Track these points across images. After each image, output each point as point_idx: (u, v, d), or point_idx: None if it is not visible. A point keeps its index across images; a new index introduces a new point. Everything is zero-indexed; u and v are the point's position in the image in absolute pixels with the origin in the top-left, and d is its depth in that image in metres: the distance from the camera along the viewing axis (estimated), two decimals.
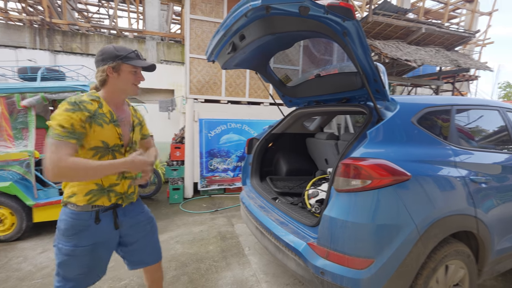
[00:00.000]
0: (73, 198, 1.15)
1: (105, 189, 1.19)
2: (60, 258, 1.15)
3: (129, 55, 1.18)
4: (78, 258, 1.15)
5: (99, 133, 1.14)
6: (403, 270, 1.30)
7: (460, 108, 1.85)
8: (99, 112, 1.15)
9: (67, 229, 1.14)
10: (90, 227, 1.16)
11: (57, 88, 2.97)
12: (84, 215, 1.15)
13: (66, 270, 1.16)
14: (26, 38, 6.01)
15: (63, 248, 1.14)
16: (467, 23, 9.74)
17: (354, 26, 1.29)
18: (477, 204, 1.55)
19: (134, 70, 1.21)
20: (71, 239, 1.14)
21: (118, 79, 1.18)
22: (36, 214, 2.93)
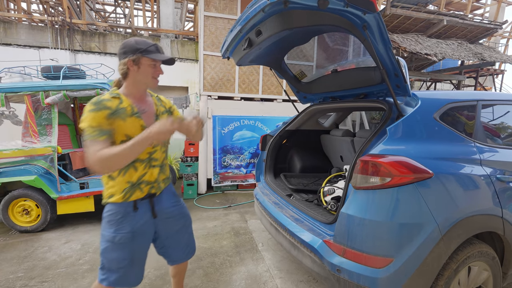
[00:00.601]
0: (112, 199, 1.23)
1: (136, 184, 1.24)
2: (103, 245, 1.23)
3: (149, 49, 1.19)
4: (118, 245, 1.21)
5: (122, 127, 1.18)
6: (424, 270, 1.27)
7: (486, 103, 1.76)
8: (120, 107, 1.18)
9: (109, 215, 1.22)
10: (129, 215, 1.23)
11: (78, 86, 3.08)
12: (124, 204, 1.23)
13: (109, 259, 1.22)
14: (48, 38, 6.26)
15: (105, 234, 1.22)
16: (492, 13, 9.21)
17: (375, 19, 1.25)
18: (504, 204, 1.48)
19: (154, 64, 1.23)
20: (112, 225, 1.21)
21: (138, 72, 1.21)
22: (60, 207, 3.08)
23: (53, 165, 3.00)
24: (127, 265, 1.24)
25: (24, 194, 2.99)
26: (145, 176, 1.27)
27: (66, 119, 4.05)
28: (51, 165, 3.00)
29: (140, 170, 1.25)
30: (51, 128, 3.10)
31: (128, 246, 1.23)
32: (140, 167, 1.25)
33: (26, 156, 2.95)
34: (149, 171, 1.28)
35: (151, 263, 2.36)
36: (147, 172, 1.27)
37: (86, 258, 2.45)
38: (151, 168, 1.29)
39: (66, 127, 4.02)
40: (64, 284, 2.08)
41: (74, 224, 3.24)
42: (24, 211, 3.04)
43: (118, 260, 1.22)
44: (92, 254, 2.52)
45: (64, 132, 3.95)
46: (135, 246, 1.25)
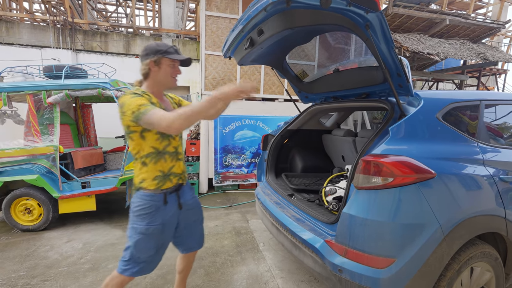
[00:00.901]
0: (144, 183, 1.32)
1: (166, 174, 1.36)
2: (135, 238, 1.30)
3: (169, 50, 1.30)
4: (150, 236, 1.31)
5: None
6: (426, 271, 1.26)
7: (489, 103, 1.75)
8: (152, 101, 1.28)
9: (142, 209, 1.30)
10: (160, 208, 1.33)
11: (80, 86, 3.09)
12: (156, 196, 1.32)
13: (139, 250, 1.31)
14: (50, 38, 6.28)
15: (138, 228, 1.30)
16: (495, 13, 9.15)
17: (377, 18, 1.24)
18: (507, 204, 1.47)
19: (173, 64, 1.33)
20: (145, 219, 1.30)
21: (159, 72, 1.31)
22: (62, 206, 3.09)
23: (55, 164, 3.01)
24: (153, 255, 1.35)
25: (26, 193, 3.00)
26: (173, 168, 1.39)
27: (68, 119, 4.06)
28: (53, 164, 3.01)
29: (169, 162, 1.37)
30: (53, 127, 3.10)
31: (158, 237, 1.34)
32: (169, 159, 1.37)
33: (28, 155, 2.96)
34: (177, 164, 1.41)
35: None
36: (175, 164, 1.40)
37: (87, 257, 2.46)
38: (178, 161, 1.42)
39: (68, 127, 4.03)
40: (66, 283, 2.08)
41: (75, 223, 3.25)
42: (26, 210, 3.05)
43: (147, 250, 1.32)
44: (93, 253, 2.53)
45: (66, 132, 3.96)
46: (163, 237, 1.37)
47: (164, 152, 1.35)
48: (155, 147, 1.31)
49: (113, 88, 3.11)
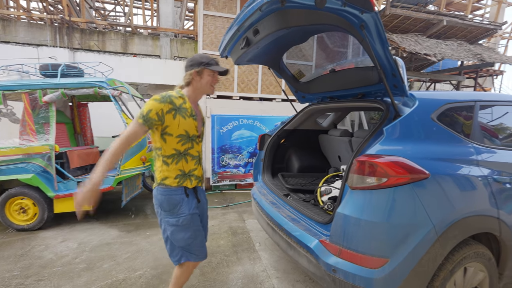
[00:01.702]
0: (166, 181, 1.43)
1: (187, 174, 1.47)
2: (169, 230, 1.44)
3: (210, 62, 1.46)
4: (183, 227, 1.44)
5: (183, 123, 1.40)
6: (419, 271, 1.26)
7: (484, 104, 1.75)
8: (183, 106, 1.42)
9: (169, 205, 1.43)
10: (183, 200, 1.45)
11: (76, 85, 3.07)
12: (177, 190, 1.44)
13: (177, 240, 1.45)
14: (47, 36, 6.24)
15: (170, 221, 1.44)
16: (493, 14, 9.20)
17: (372, 18, 1.24)
18: (500, 205, 1.47)
19: (212, 74, 1.48)
20: (173, 212, 1.43)
21: (200, 81, 1.47)
22: (57, 205, 3.07)
23: (50, 163, 2.99)
24: (193, 242, 1.48)
25: (21, 193, 2.98)
26: (195, 171, 1.51)
27: (64, 118, 4.04)
28: (49, 163, 2.99)
29: (191, 164, 1.48)
30: (48, 126, 3.08)
31: (190, 226, 1.46)
32: (191, 162, 1.48)
33: (23, 154, 2.94)
34: (198, 168, 1.54)
35: (148, 262, 2.36)
36: (197, 168, 1.53)
37: (82, 257, 2.44)
38: (199, 165, 1.55)
39: (64, 126, 4.01)
40: (60, 282, 2.07)
41: (71, 223, 3.23)
42: (21, 210, 3.03)
43: (186, 238, 1.45)
44: (88, 253, 2.51)
45: (62, 131, 3.94)
46: (194, 225, 1.49)
47: (185, 154, 1.45)
48: (176, 148, 1.42)
49: (109, 87, 3.10)
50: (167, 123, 1.36)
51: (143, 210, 3.76)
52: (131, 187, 3.46)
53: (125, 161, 3.15)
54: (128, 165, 3.20)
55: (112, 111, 3.26)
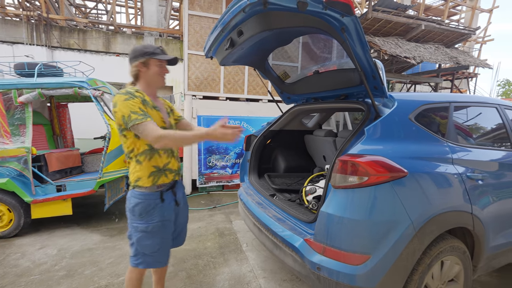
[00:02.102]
0: (140, 182, 1.35)
1: (162, 169, 1.39)
2: (136, 236, 1.37)
3: (155, 51, 1.36)
4: (151, 234, 1.36)
5: (152, 115, 1.33)
6: (399, 266, 1.31)
7: (458, 105, 1.84)
8: (145, 98, 1.35)
9: (140, 209, 1.34)
10: (157, 206, 1.37)
11: (55, 84, 2.95)
12: (152, 195, 1.36)
13: (143, 247, 1.37)
14: (23, 33, 5.95)
15: (139, 227, 1.35)
16: (467, 20, 9.70)
17: (352, 22, 1.28)
18: (473, 201, 1.56)
19: (160, 64, 1.38)
20: (144, 217, 1.35)
21: (147, 72, 1.37)
22: (34, 211, 2.93)
23: (27, 167, 2.85)
24: (159, 249, 1.41)
25: None
26: (169, 164, 1.43)
27: (42, 119, 3.87)
28: (25, 167, 2.85)
29: (164, 157, 1.41)
30: (24, 128, 2.94)
31: (160, 233, 1.39)
32: (164, 155, 1.41)
33: None
34: (172, 160, 1.45)
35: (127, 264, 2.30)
36: (170, 161, 1.44)
37: (62, 264, 2.35)
38: (173, 158, 1.46)
39: (42, 127, 3.84)
40: None
41: (50, 229, 3.09)
42: None
43: (152, 245, 1.38)
44: (69, 260, 2.42)
45: (40, 132, 3.77)
46: (165, 232, 1.42)
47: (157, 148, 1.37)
48: (148, 144, 1.34)
49: (90, 87, 3.00)
50: None
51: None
52: (114, 190, 3.36)
53: (108, 163, 3.06)
54: (111, 168, 3.11)
55: (93, 112, 3.16)
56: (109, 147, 2.98)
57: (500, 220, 1.75)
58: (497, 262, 1.84)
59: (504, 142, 2.01)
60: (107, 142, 2.97)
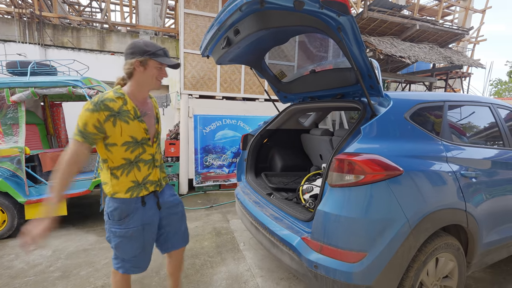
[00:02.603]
0: (117, 195, 1.27)
1: (141, 183, 1.31)
2: (115, 241, 1.29)
3: (157, 52, 1.23)
4: (131, 238, 1.28)
5: (126, 129, 1.22)
6: (395, 263, 1.33)
7: (452, 104, 1.87)
8: (124, 109, 1.22)
9: (120, 213, 1.26)
10: (138, 210, 1.30)
11: (48, 83, 2.91)
12: (132, 200, 1.28)
13: (122, 252, 1.30)
14: (15, 31, 5.85)
15: (117, 231, 1.27)
16: (461, 20, 9.82)
17: (349, 21, 1.29)
18: (467, 198, 1.58)
19: (160, 67, 1.26)
20: (122, 222, 1.27)
21: (144, 73, 1.24)
22: (28, 211, 2.89)
23: (20, 167, 2.80)
24: (140, 253, 1.33)
25: None
26: (149, 176, 1.34)
27: (35, 118, 3.81)
28: (18, 167, 2.80)
29: (144, 170, 1.31)
30: (17, 127, 2.89)
31: (140, 238, 1.31)
32: (144, 168, 1.31)
33: None
34: (153, 171, 1.36)
35: None
36: (152, 172, 1.35)
37: (57, 265, 2.32)
38: (155, 168, 1.37)
39: (35, 127, 3.79)
40: None
41: None
42: None
43: (132, 250, 1.31)
44: (64, 260, 2.39)
45: (34, 132, 3.72)
46: (145, 236, 1.33)
47: (137, 161, 1.28)
48: (126, 158, 1.25)
49: (84, 86, 2.97)
50: (108, 133, 1.18)
51: None
52: None
53: None
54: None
55: None
56: None
57: (493, 217, 1.78)
58: (490, 259, 1.88)
59: (497, 141, 2.05)
60: None
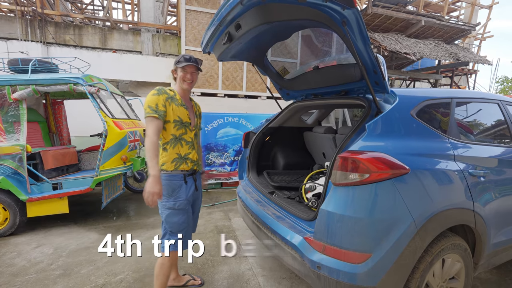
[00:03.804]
0: (164, 166, 1.62)
1: (183, 157, 1.66)
2: (166, 212, 1.60)
3: (179, 59, 1.65)
4: (179, 211, 1.60)
5: (176, 110, 1.62)
6: (400, 264, 1.29)
7: (460, 101, 1.82)
8: (175, 97, 1.65)
9: (168, 189, 1.59)
10: (182, 186, 1.63)
11: (49, 81, 2.89)
12: (176, 176, 1.63)
13: (172, 223, 1.60)
14: (18, 29, 5.86)
15: (167, 204, 1.59)
16: (467, 16, 9.65)
17: (354, 15, 1.24)
18: (475, 198, 1.54)
19: (183, 70, 1.65)
20: (171, 196, 1.60)
21: (177, 78, 1.69)
22: (30, 209, 2.89)
23: (21, 164, 2.80)
24: (187, 227, 1.66)
25: None
26: (189, 154, 1.69)
27: (37, 116, 3.81)
28: (20, 164, 2.80)
29: (185, 148, 1.67)
30: (19, 125, 2.89)
31: (185, 211, 1.64)
32: (186, 146, 1.67)
33: None
34: (192, 152, 1.71)
35: (129, 265, 2.28)
36: (191, 152, 1.70)
37: (58, 263, 2.32)
38: (193, 150, 1.72)
39: (37, 124, 3.79)
40: None
41: (46, 227, 3.06)
42: None
43: (179, 223, 1.61)
44: (65, 258, 2.39)
45: (35, 130, 3.72)
46: (189, 211, 1.67)
47: (180, 138, 1.65)
48: (173, 134, 1.63)
49: (86, 83, 2.95)
50: (167, 111, 1.57)
51: (125, 211, 3.63)
52: (111, 188, 3.33)
53: (104, 161, 3.02)
54: (108, 165, 3.07)
55: (90, 109, 3.11)
56: (105, 144, 2.93)
57: (501, 217, 1.73)
58: (498, 259, 1.83)
59: (506, 139, 1.99)
60: (103, 140, 2.93)
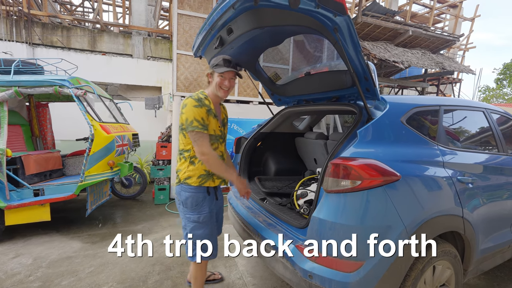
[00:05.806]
0: (189, 180, 1.54)
1: (210, 174, 1.58)
2: (190, 225, 1.56)
3: (218, 63, 1.53)
4: (203, 223, 1.56)
5: (212, 123, 1.54)
6: (392, 272, 1.28)
7: (448, 108, 1.85)
8: (211, 107, 1.54)
9: (192, 202, 1.54)
10: (205, 199, 1.58)
11: (33, 82, 2.79)
12: (200, 188, 1.56)
13: (197, 234, 1.56)
14: (2, 29, 5.67)
15: (191, 217, 1.56)
16: (451, 27, 10.04)
17: (345, 22, 1.25)
18: (464, 204, 1.55)
19: (221, 75, 1.53)
20: (195, 209, 1.55)
21: (212, 83, 1.58)
22: (9, 217, 2.74)
23: (0, 169, 2.66)
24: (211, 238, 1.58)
25: None
26: None
27: (19, 119, 3.66)
28: None
29: None
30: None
31: (209, 223, 1.59)
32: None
33: None
34: None
35: (114, 276, 2.18)
36: None
37: (37, 274, 2.19)
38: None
39: (19, 128, 3.63)
40: None
41: (26, 236, 2.90)
42: None
43: (204, 235, 1.56)
44: (45, 269, 2.26)
45: (17, 133, 3.57)
46: (212, 222, 1.63)
47: None
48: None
49: (72, 86, 2.86)
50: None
51: (111, 218, 3.50)
52: (97, 195, 3.21)
53: (90, 166, 2.91)
54: (94, 171, 2.96)
55: (76, 112, 3.01)
56: (92, 149, 2.84)
57: (489, 223, 1.75)
58: (486, 265, 1.85)
59: (491, 146, 2.04)
60: (90, 144, 2.83)
